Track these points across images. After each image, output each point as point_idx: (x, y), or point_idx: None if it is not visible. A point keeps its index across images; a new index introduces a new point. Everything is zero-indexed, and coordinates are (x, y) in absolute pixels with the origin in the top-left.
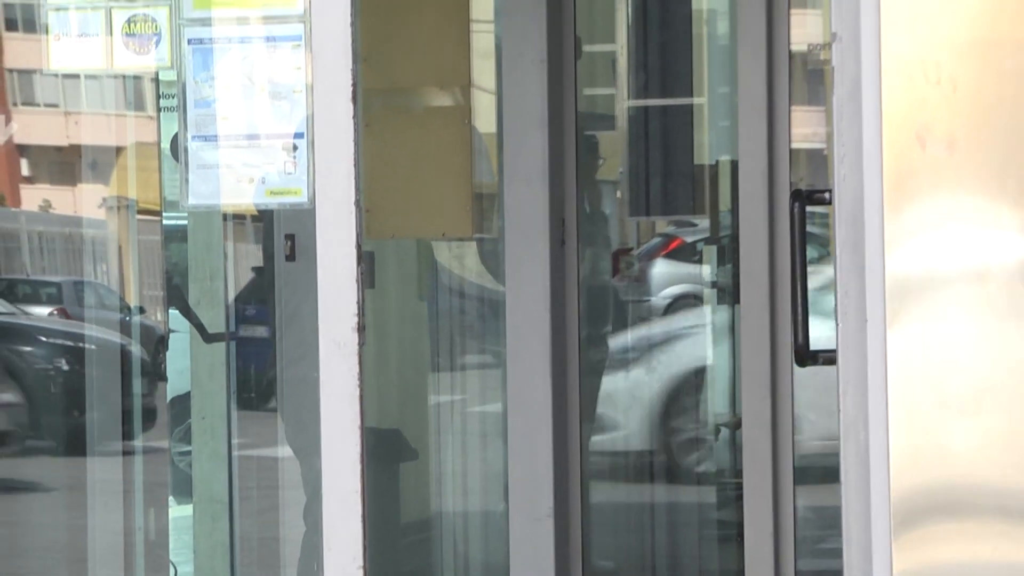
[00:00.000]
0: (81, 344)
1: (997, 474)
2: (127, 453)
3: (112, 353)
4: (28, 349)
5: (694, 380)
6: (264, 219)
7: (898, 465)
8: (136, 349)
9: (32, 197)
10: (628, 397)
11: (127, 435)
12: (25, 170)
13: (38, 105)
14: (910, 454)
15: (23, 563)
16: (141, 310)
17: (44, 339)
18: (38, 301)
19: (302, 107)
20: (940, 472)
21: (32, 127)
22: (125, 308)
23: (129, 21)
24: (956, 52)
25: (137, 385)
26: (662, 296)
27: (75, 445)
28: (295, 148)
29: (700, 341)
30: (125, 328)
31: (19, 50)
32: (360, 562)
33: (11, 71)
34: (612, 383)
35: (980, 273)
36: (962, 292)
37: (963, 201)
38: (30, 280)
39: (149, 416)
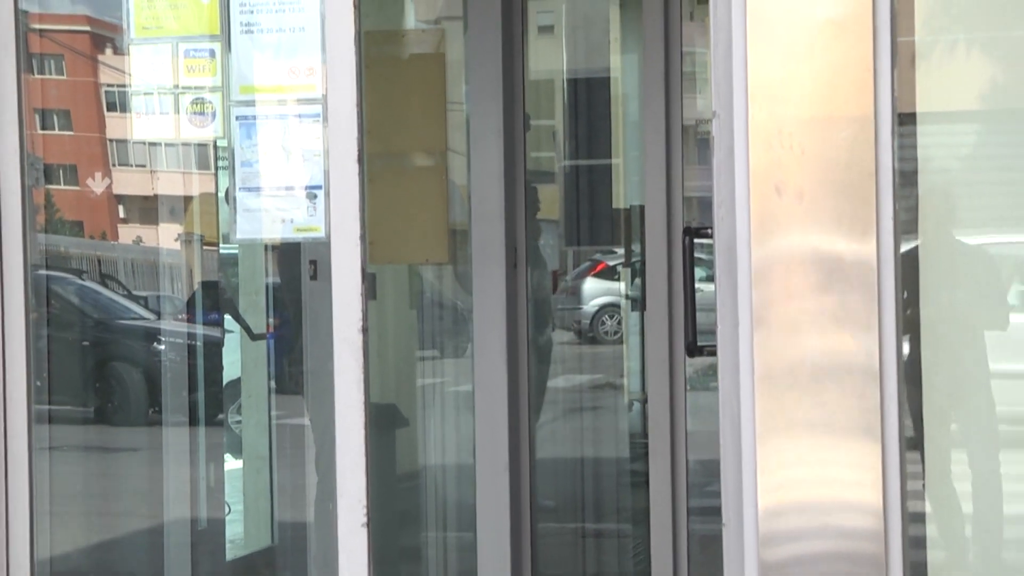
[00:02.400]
0: (175, 340)
1: (836, 433)
2: (194, 422)
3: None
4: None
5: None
6: (281, 250)
7: (761, 429)
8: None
9: (127, 233)
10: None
11: (193, 408)
12: (121, 213)
13: (131, 166)
14: (770, 423)
15: (118, 502)
16: (209, 316)
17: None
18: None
19: (320, 167)
20: (790, 435)
21: (126, 182)
22: (196, 314)
23: (192, 103)
24: (803, 125)
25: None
26: (591, 305)
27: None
28: (315, 197)
29: (618, 338)
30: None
31: (117, 125)
32: (364, 502)
33: (111, 140)
34: (553, 371)
35: (822, 289)
36: (808, 303)
37: (809, 236)
38: (129, 295)
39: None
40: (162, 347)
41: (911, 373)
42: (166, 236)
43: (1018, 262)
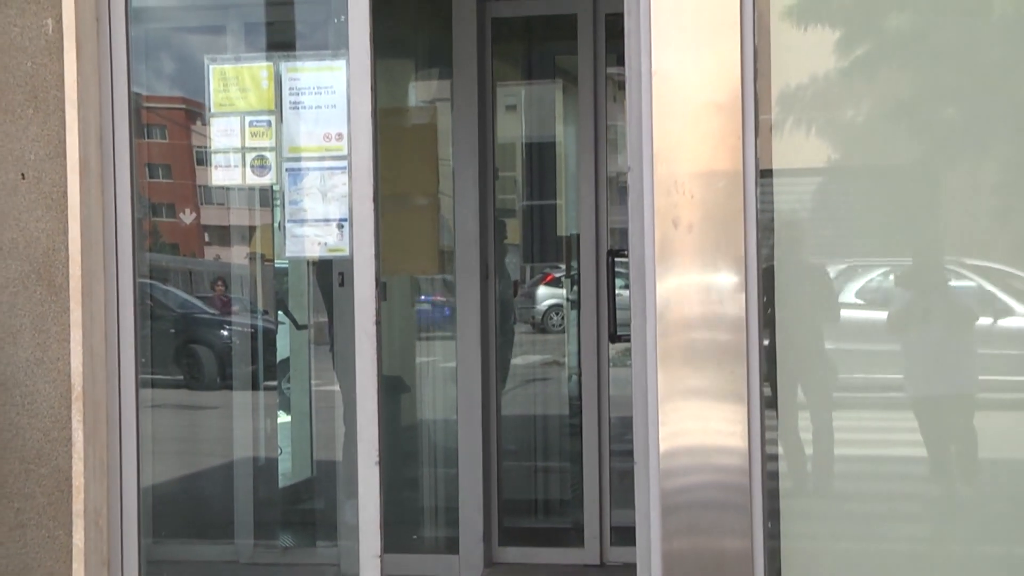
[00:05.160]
0: (240, 328)
1: (714, 397)
2: (255, 388)
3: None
4: (216, 330)
5: (558, 350)
6: (320, 265)
7: (662, 395)
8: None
9: (210, 253)
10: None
11: (255, 378)
12: (206, 238)
13: (212, 204)
14: (668, 390)
15: (200, 445)
16: (264, 312)
17: (227, 325)
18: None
19: (346, 204)
20: (682, 399)
21: (209, 216)
22: (257, 310)
23: (255, 159)
24: (692, 176)
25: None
26: (542, 305)
27: (228, 383)
28: (343, 227)
29: (561, 329)
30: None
31: (202, 174)
32: (376, 446)
33: (198, 186)
34: (514, 352)
35: (705, 295)
36: (695, 305)
37: (696, 257)
38: (209, 296)
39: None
40: (229, 334)
41: (768, 354)
42: (237, 255)
43: (847, 276)
